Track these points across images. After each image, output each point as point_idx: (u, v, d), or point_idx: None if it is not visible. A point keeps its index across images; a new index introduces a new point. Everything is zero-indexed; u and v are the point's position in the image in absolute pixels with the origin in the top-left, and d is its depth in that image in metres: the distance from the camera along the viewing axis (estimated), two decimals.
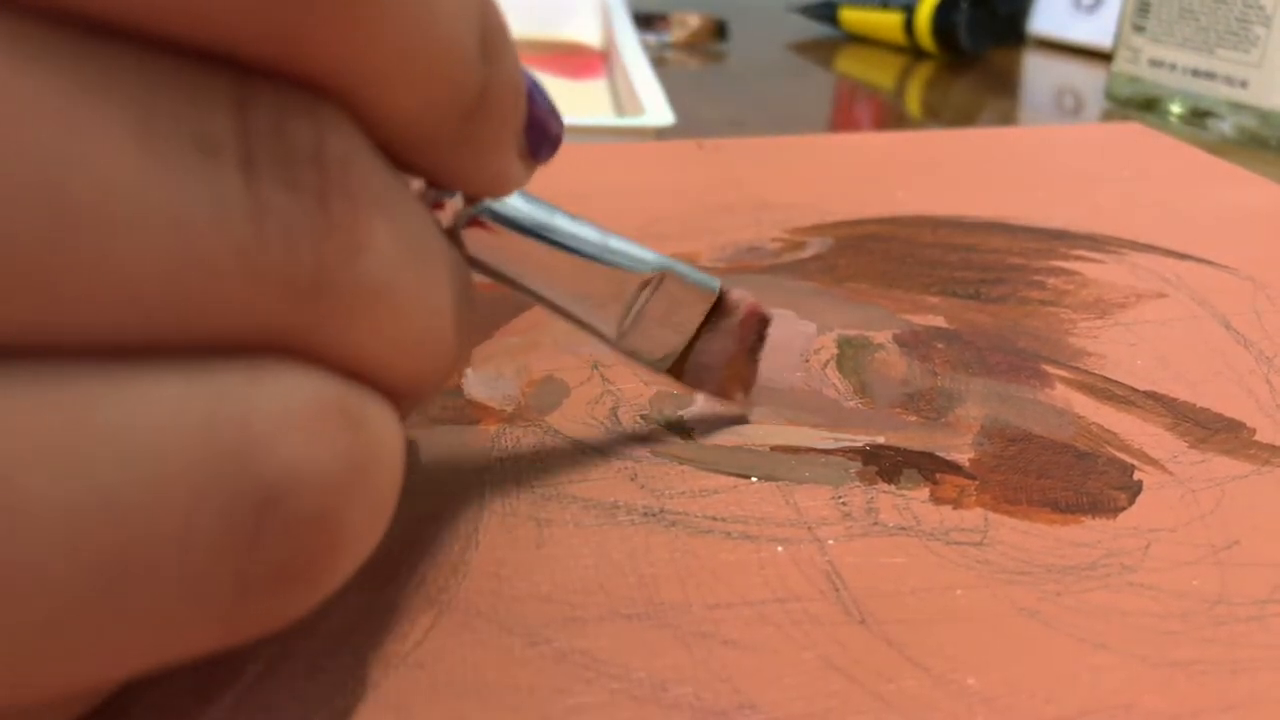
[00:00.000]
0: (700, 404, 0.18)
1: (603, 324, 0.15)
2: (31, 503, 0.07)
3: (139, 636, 0.08)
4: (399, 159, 0.10)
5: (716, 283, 0.16)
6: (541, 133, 0.13)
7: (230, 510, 0.08)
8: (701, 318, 0.16)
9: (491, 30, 0.10)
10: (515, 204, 0.14)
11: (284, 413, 0.08)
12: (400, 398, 0.10)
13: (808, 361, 0.20)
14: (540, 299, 0.15)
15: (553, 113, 0.13)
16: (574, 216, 0.15)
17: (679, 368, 0.16)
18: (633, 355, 0.16)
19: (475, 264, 0.14)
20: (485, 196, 0.13)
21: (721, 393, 0.17)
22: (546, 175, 0.14)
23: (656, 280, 0.15)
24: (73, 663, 0.08)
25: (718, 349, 0.17)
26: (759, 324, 0.17)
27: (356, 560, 0.09)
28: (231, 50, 0.08)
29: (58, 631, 0.07)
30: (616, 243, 0.15)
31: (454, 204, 0.14)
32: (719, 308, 0.16)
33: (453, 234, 0.14)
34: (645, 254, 0.15)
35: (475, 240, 0.14)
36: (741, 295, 0.17)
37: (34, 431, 0.07)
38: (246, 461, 0.08)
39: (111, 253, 0.07)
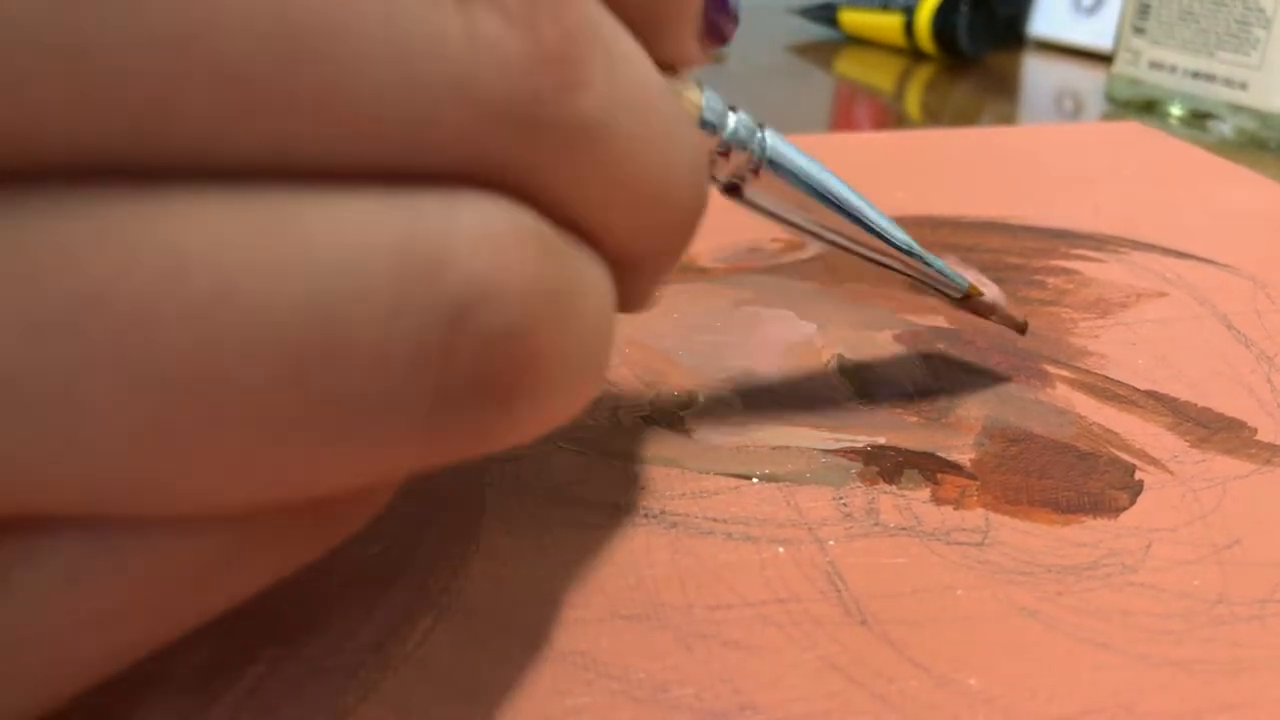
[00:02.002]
0: (701, 404, 0.18)
1: (883, 256, 0.17)
2: (246, 305, 0.07)
3: (342, 443, 0.08)
4: None
5: (965, 283, 0.18)
6: (721, 8, 0.13)
7: (425, 321, 0.08)
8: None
9: None
10: (792, 157, 0.15)
11: (478, 232, 0.08)
12: (621, 263, 0.10)
13: (807, 362, 0.20)
14: (814, 235, 0.16)
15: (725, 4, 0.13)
16: (840, 180, 0.16)
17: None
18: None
19: (754, 207, 0.15)
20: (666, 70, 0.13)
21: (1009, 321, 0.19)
22: None
23: (899, 262, 0.17)
24: (281, 468, 0.08)
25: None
26: (1014, 326, 0.19)
27: (557, 398, 0.09)
28: None
29: (266, 433, 0.08)
30: (873, 215, 0.17)
31: (738, 156, 0.14)
32: (966, 303, 0.18)
33: (740, 181, 0.15)
34: (897, 233, 0.17)
35: (755, 186, 0.15)
36: (990, 302, 0.19)
37: (249, 242, 0.07)
38: (440, 275, 0.08)
39: (337, 80, 0.07)
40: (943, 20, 0.50)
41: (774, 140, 0.15)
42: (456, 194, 0.08)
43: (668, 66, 0.12)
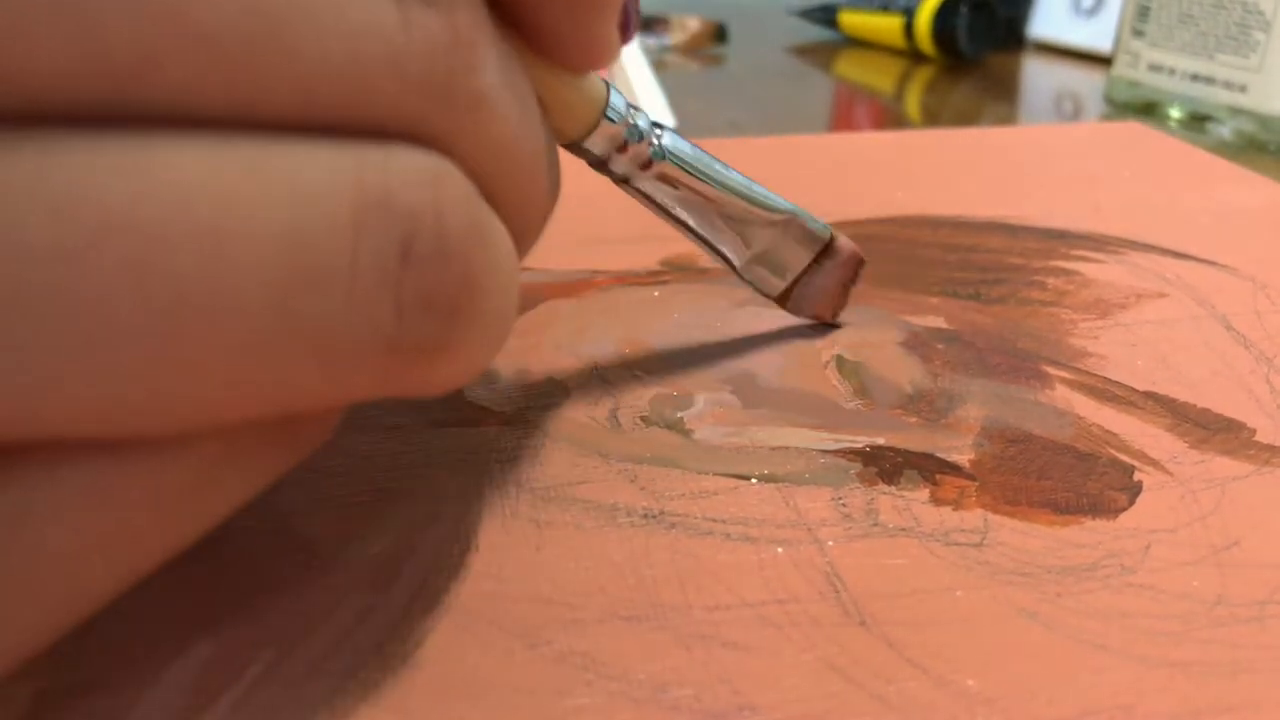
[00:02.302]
0: (700, 404, 0.18)
1: (732, 254, 0.19)
2: (240, 232, 0.08)
3: (320, 358, 0.09)
4: (514, 12, 0.12)
5: (829, 229, 0.20)
6: (630, 11, 0.14)
7: (382, 244, 0.09)
8: (812, 257, 0.20)
9: None
10: (685, 150, 0.17)
11: (415, 175, 0.10)
12: (510, 226, 0.12)
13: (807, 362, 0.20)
14: (687, 229, 0.18)
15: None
16: (726, 165, 0.18)
17: (785, 295, 0.20)
18: (751, 282, 0.20)
19: (641, 195, 0.17)
20: (585, 67, 0.14)
21: (816, 317, 0.21)
22: None
23: (784, 222, 0.19)
24: (269, 383, 0.09)
25: (820, 283, 0.20)
26: (857, 265, 0.21)
27: (486, 329, 0.11)
28: None
29: (259, 350, 0.09)
30: (757, 189, 0.19)
31: (635, 149, 0.16)
32: (828, 250, 0.20)
33: (631, 175, 0.17)
34: (778, 200, 0.19)
35: (648, 179, 0.17)
36: (845, 241, 0.20)
37: (235, 180, 0.09)
38: (389, 205, 0.09)
39: (296, 51, 0.09)
40: (943, 22, 0.50)
41: (672, 140, 0.17)
42: (395, 146, 0.10)
43: (592, 53, 0.14)
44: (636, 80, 0.39)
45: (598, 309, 0.22)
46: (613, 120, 0.15)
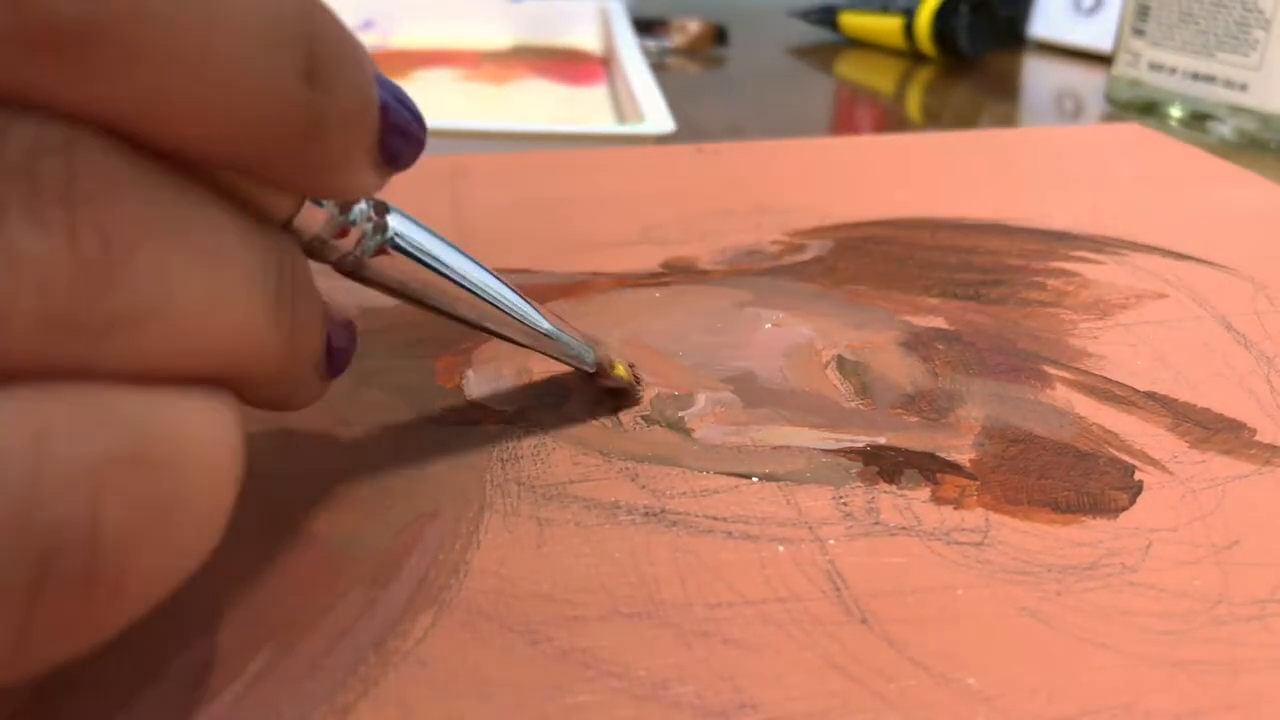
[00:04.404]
0: (701, 404, 0.18)
1: (515, 334, 0.17)
2: None
3: None
4: (235, 170, 0.11)
5: (591, 356, 0.18)
6: (402, 140, 0.13)
7: (7, 573, 0.08)
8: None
9: (323, 57, 0.10)
10: (417, 237, 0.15)
11: (68, 471, 0.08)
12: (239, 386, 0.11)
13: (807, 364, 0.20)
14: (449, 316, 0.16)
15: (413, 119, 0.13)
16: (466, 254, 0.16)
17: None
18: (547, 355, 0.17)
19: (380, 286, 0.15)
20: (338, 199, 0.13)
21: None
22: (547, 181, 0.14)
23: (545, 339, 0.17)
24: None
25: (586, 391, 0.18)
26: (626, 396, 0.19)
27: (151, 600, 0.09)
28: None
29: None
30: (509, 293, 0.16)
31: (356, 231, 0.14)
32: (599, 376, 0.18)
33: (357, 260, 0.14)
34: (540, 321, 0.17)
35: (378, 266, 0.14)
36: (617, 379, 0.18)
37: None
38: (26, 523, 0.08)
39: None
40: (943, 22, 0.50)
41: (399, 223, 0.14)
42: (37, 419, 0.08)
43: (341, 194, 0.13)
44: (636, 85, 0.39)
45: (598, 310, 0.22)
46: (318, 203, 0.13)
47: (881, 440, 0.18)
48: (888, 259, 0.25)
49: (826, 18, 0.57)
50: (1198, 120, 0.40)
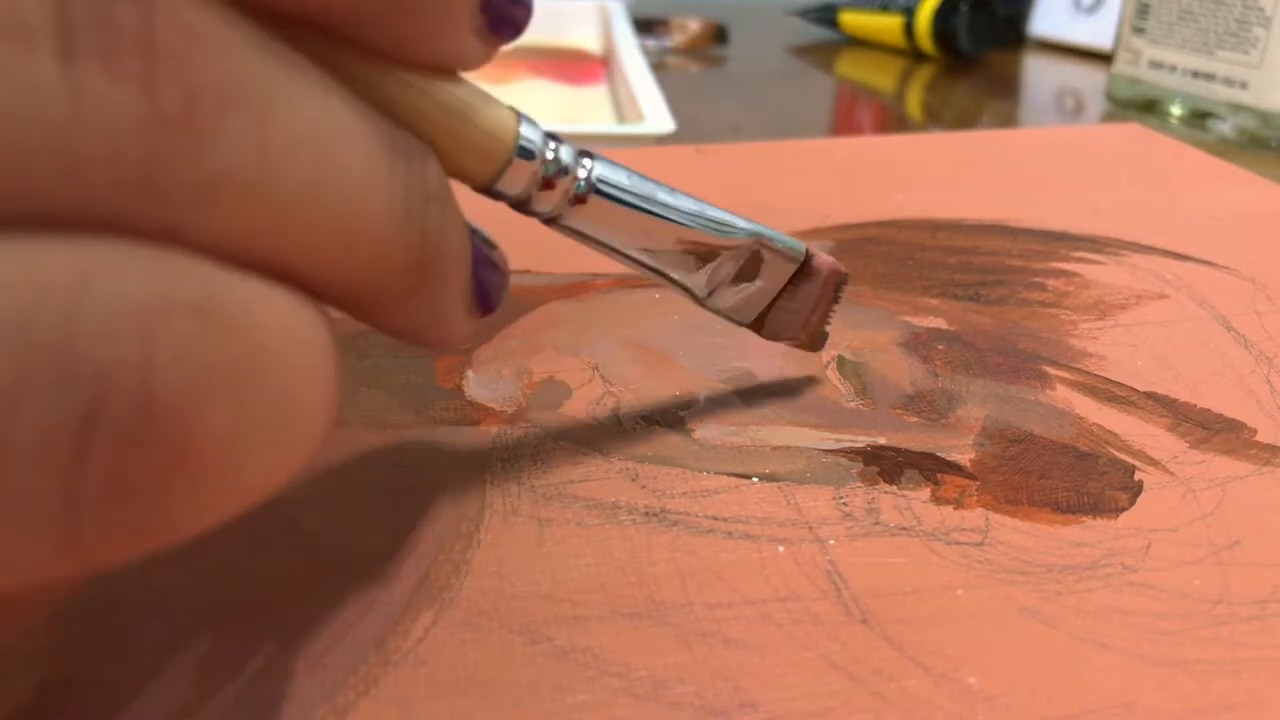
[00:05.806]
0: (701, 404, 0.18)
1: (694, 285, 0.16)
2: None
3: None
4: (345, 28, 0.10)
5: (803, 247, 0.17)
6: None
7: (49, 417, 0.07)
8: (786, 279, 0.17)
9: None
10: (620, 179, 0.15)
11: (113, 308, 0.07)
12: (330, 290, 0.10)
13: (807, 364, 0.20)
14: (637, 263, 0.16)
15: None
16: (672, 190, 0.15)
17: (759, 322, 0.17)
18: (718, 312, 0.17)
19: (576, 234, 0.15)
20: (451, 63, 0.12)
21: (795, 344, 0.18)
22: None
23: (748, 245, 0.16)
24: None
25: (797, 306, 0.18)
26: (837, 283, 0.18)
27: (233, 479, 0.08)
28: None
29: None
30: (712, 212, 0.16)
31: (564, 182, 0.14)
32: (804, 270, 0.17)
33: (561, 213, 0.14)
34: (738, 221, 0.16)
35: (580, 215, 0.14)
36: (824, 259, 0.18)
37: None
38: (69, 361, 0.07)
39: None
40: (943, 21, 0.50)
41: (604, 168, 0.14)
42: (92, 255, 0.08)
43: (448, 69, 0.12)
44: (636, 84, 0.39)
45: (598, 310, 0.22)
46: (528, 155, 0.13)
47: (881, 440, 0.18)
48: (888, 259, 0.25)
49: (826, 17, 0.57)
50: (1198, 118, 0.39)
